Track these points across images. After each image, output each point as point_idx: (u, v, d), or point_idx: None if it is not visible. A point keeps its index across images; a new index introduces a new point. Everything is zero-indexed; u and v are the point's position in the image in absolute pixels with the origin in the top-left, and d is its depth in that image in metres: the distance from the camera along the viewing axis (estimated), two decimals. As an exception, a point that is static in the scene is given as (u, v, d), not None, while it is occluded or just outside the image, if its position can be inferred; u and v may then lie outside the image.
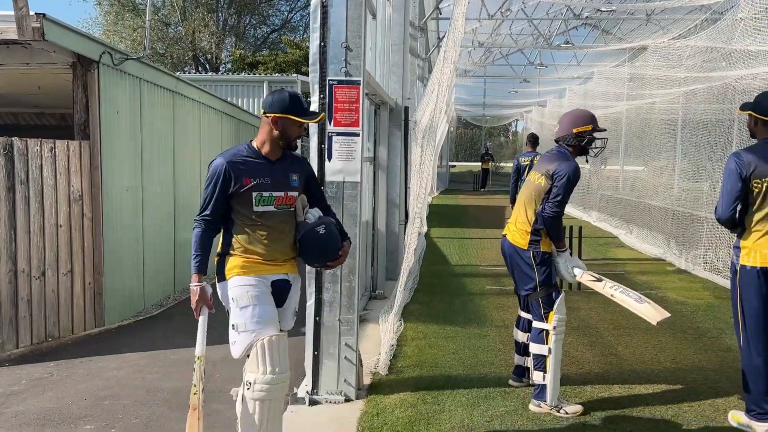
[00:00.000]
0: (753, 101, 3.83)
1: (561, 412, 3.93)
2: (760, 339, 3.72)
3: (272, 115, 3.03)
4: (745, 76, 10.64)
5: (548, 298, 3.99)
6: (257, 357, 2.90)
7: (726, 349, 5.34)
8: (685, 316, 6.47)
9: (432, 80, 6.29)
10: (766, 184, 3.65)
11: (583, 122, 4.11)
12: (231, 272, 3.05)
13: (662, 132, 13.04)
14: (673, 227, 10.64)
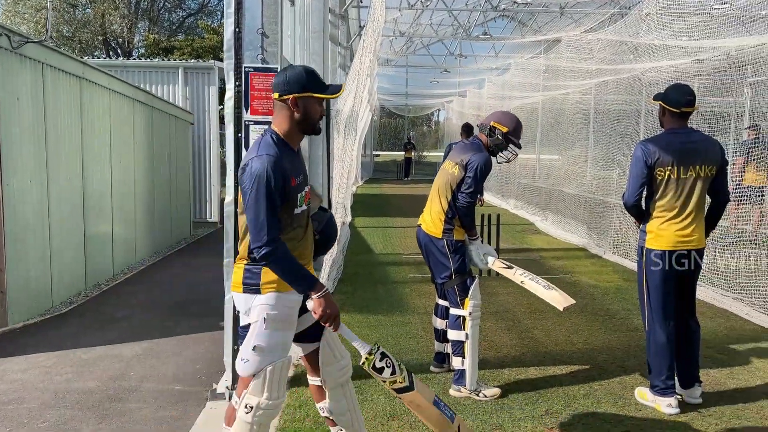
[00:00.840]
0: (663, 92, 4.00)
1: (480, 396, 4.03)
2: (663, 317, 3.94)
3: (290, 96, 2.60)
4: (651, 69, 11.21)
5: (463, 285, 4.08)
6: (265, 381, 2.63)
7: (633, 329, 5.63)
8: (596, 299, 6.78)
9: (353, 69, 6.25)
10: (668, 172, 3.84)
11: (504, 122, 4.19)
12: (268, 287, 2.63)
13: (576, 122, 13.57)
14: (586, 213, 11.11)
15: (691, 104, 3.87)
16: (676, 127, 3.93)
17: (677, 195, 3.85)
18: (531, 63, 15.06)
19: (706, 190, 3.92)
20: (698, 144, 3.88)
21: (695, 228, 3.87)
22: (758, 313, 5.96)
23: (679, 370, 4.05)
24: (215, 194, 12.56)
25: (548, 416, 3.80)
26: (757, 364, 4.76)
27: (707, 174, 3.86)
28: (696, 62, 11.87)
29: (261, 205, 2.50)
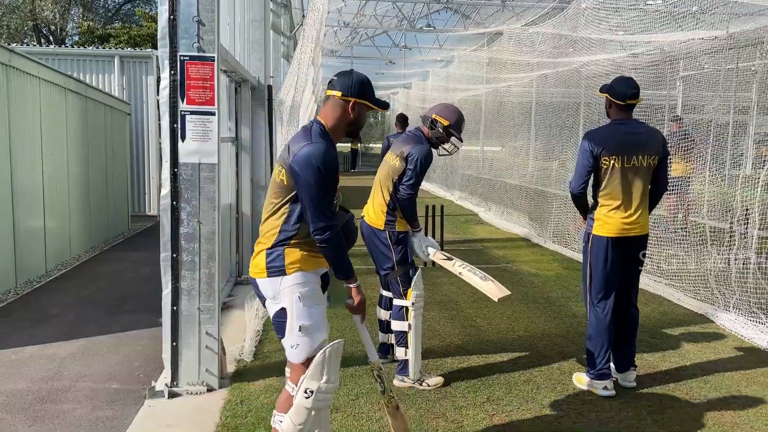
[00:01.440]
0: (609, 84, 4.11)
1: (423, 385, 4.06)
2: (604, 302, 4.08)
3: (352, 99, 2.76)
4: (590, 63, 11.50)
5: (406, 276, 4.09)
6: (323, 364, 2.63)
7: (572, 315, 5.79)
8: (536, 287, 6.93)
9: (295, 58, 6.17)
10: (613, 161, 3.97)
11: (445, 115, 4.20)
12: (293, 267, 2.68)
13: (518, 114, 13.81)
14: (527, 204, 11.35)
15: (635, 96, 4.01)
16: (622, 118, 4.06)
17: (621, 183, 3.98)
18: (474, 55, 15.22)
19: (649, 179, 4.06)
20: (642, 134, 4.02)
21: (640, 215, 4.02)
22: (688, 298, 6.22)
23: (616, 354, 4.21)
24: (155, 187, 12.21)
25: (489, 403, 3.87)
26: (687, 347, 4.97)
27: (650, 163, 4.01)
28: (631, 56, 12.25)
29: (321, 187, 2.60)
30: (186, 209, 3.90)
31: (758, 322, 5.17)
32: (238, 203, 6.88)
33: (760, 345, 4.97)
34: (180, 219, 3.91)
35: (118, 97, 11.37)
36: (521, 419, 3.67)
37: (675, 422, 3.64)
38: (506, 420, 3.65)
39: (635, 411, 3.79)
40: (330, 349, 2.65)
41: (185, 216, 3.91)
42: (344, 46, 18.99)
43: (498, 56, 13.29)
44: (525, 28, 11.64)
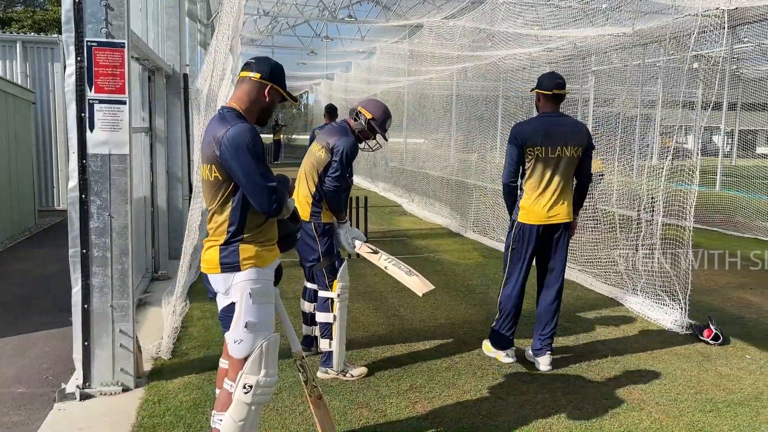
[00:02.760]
0: (537, 81, 4.32)
1: (347, 376, 4.07)
2: (516, 282, 4.34)
3: (269, 83, 2.72)
4: (507, 57, 11.79)
5: (331, 267, 4.08)
6: (262, 358, 2.64)
7: (491, 302, 5.94)
8: (458, 276, 7.08)
9: (211, 47, 5.99)
10: (538, 152, 4.16)
11: (370, 108, 4.19)
12: (247, 263, 2.66)
13: (439, 106, 14.01)
14: (449, 195, 11.55)
15: (561, 87, 4.23)
16: (549, 111, 4.27)
17: (546, 173, 4.17)
18: (396, 47, 15.30)
19: (573, 170, 4.25)
20: (566, 126, 4.23)
21: (563, 204, 4.21)
22: (600, 283, 6.53)
23: (535, 338, 4.42)
24: (63, 180, 11.57)
25: (412, 391, 3.92)
26: (599, 330, 5.21)
27: (573, 155, 4.20)
28: (546, 51, 12.66)
29: (257, 163, 2.57)
30: (96, 203, 3.72)
31: (663, 304, 5.49)
32: (153, 196, 6.64)
33: (665, 326, 5.27)
34: (90, 213, 3.72)
35: (21, 84, 10.68)
36: (443, 405, 3.74)
37: (588, 401, 3.82)
38: (428, 407, 3.71)
39: (551, 392, 3.94)
40: (267, 343, 2.65)
41: (95, 210, 3.72)
42: (264, 35, 18.64)
43: (419, 49, 13.41)
44: (445, 21, 11.80)
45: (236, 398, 2.65)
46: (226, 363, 2.86)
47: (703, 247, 8.80)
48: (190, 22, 8.96)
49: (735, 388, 4.06)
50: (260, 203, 2.60)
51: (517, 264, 4.33)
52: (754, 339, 5.00)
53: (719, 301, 6.14)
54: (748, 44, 20.72)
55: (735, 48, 19.98)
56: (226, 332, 2.70)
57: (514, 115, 11.57)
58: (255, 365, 2.64)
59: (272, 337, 2.68)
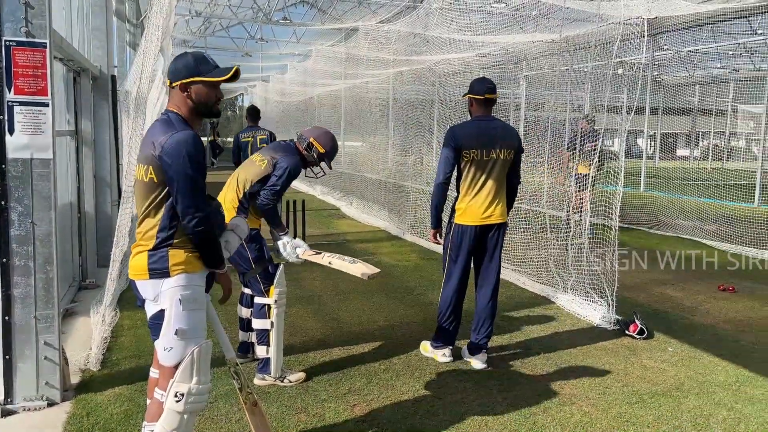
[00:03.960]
0: (469, 86, 4.43)
1: (285, 382, 4.03)
2: (455, 283, 4.42)
3: (178, 82, 2.63)
4: (442, 61, 11.99)
5: (266, 272, 4.03)
6: (194, 365, 2.59)
7: (429, 303, 6.02)
8: (396, 278, 7.13)
9: (140, 48, 5.83)
10: (473, 155, 4.27)
11: (323, 143, 4.20)
12: (177, 268, 2.61)
13: (376, 110, 14.09)
14: (387, 197, 11.63)
15: (492, 92, 4.35)
16: (481, 115, 4.39)
17: (480, 175, 4.30)
18: (332, 51, 15.28)
19: (505, 172, 4.39)
20: (499, 130, 4.37)
21: (497, 205, 4.34)
22: (532, 282, 6.71)
23: (472, 338, 4.52)
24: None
25: (351, 394, 3.92)
26: (532, 328, 5.36)
27: (506, 157, 4.34)
28: (480, 56, 12.93)
29: (194, 174, 2.54)
30: (17, 209, 3.55)
31: (592, 302, 5.69)
32: (80, 202, 6.38)
33: (594, 322, 5.48)
34: (10, 220, 3.54)
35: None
36: (381, 407, 3.76)
37: (521, 398, 3.92)
38: (367, 409, 3.72)
39: (486, 391, 4.03)
40: (198, 349, 2.60)
41: (16, 217, 3.55)
42: (197, 36, 18.25)
43: (355, 52, 13.45)
44: (380, 25, 11.88)
45: (167, 407, 2.59)
46: (157, 372, 2.79)
47: (628, 245, 9.19)
48: (118, 21, 8.69)
49: (659, 379, 4.26)
50: (185, 213, 2.56)
51: (456, 264, 4.42)
52: (676, 332, 5.26)
53: (644, 297, 6.43)
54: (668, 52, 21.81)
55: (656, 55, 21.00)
56: (155, 340, 2.64)
57: (449, 118, 11.76)
58: (186, 373, 2.58)
59: (204, 344, 2.64)
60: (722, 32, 18.78)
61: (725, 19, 13.86)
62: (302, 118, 18.45)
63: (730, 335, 5.25)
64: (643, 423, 3.61)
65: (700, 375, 4.34)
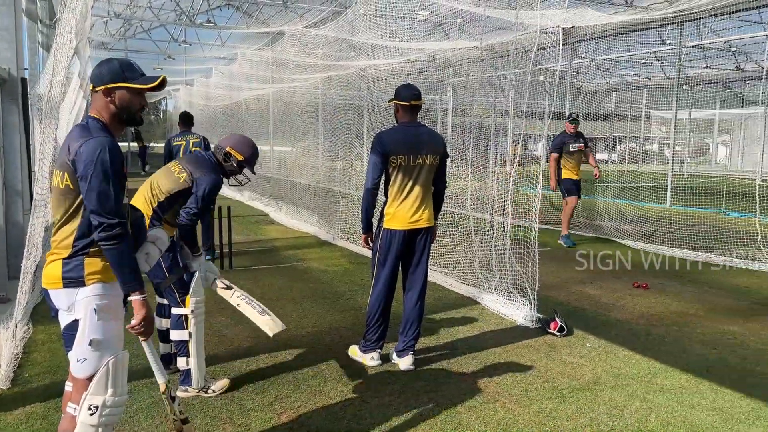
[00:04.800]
0: (395, 92, 4.48)
1: (209, 392, 3.95)
2: (384, 286, 4.47)
3: (103, 87, 2.57)
4: (370, 67, 12.07)
5: (181, 282, 3.94)
6: (109, 377, 2.52)
7: (358, 307, 6.03)
8: (325, 283, 7.11)
9: (53, 50, 5.57)
10: (401, 160, 4.32)
11: (240, 150, 4.12)
12: (92, 277, 2.54)
13: (306, 115, 14.02)
14: (317, 202, 11.58)
15: (417, 98, 4.43)
16: (407, 121, 4.45)
17: (408, 180, 4.36)
18: (258, 54, 15.10)
19: (432, 177, 4.47)
20: (425, 136, 4.45)
21: (425, 210, 4.41)
22: (458, 283, 6.84)
23: (399, 340, 4.57)
24: None
25: (278, 402, 3.88)
26: (458, 328, 5.47)
27: (432, 163, 4.42)
28: (407, 62, 13.10)
29: (109, 182, 2.47)
30: None
31: (515, 301, 5.86)
32: (-12, 211, 6.03)
33: (517, 321, 5.64)
34: None
35: None
36: (309, 413, 3.74)
37: (447, 398, 3.99)
38: (294, 416, 3.70)
39: (413, 392, 4.08)
40: (114, 361, 2.55)
41: None
42: (116, 39, 17.61)
43: (282, 56, 13.35)
44: (307, 30, 11.84)
45: (81, 421, 2.50)
46: (72, 386, 2.68)
47: (550, 246, 9.54)
48: (29, 22, 8.28)
49: (577, 374, 4.44)
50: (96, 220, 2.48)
51: (384, 268, 4.46)
52: (593, 328, 5.49)
53: (564, 295, 6.68)
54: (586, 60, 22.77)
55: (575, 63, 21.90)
56: (69, 352, 2.55)
57: (379, 124, 11.86)
58: (101, 384, 2.52)
59: (120, 354, 2.57)
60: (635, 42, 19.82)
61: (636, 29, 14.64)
62: (229, 122, 18.13)
63: (643, 330, 5.52)
64: (562, 417, 3.75)
65: (615, 368, 4.55)
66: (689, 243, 9.33)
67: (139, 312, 2.60)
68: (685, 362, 4.68)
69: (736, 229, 9.73)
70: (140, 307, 2.60)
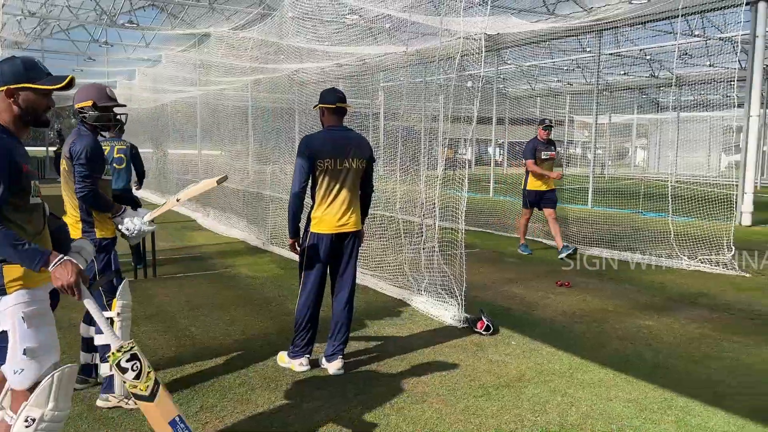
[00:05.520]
0: (320, 97, 4.47)
1: (130, 403, 3.81)
2: (312, 292, 4.44)
3: (4, 87, 2.46)
4: (300, 70, 11.99)
5: (110, 285, 3.82)
6: (51, 390, 2.40)
7: (288, 313, 5.97)
8: (254, 289, 7.01)
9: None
10: (327, 164, 4.31)
11: (84, 97, 3.94)
12: (14, 285, 2.45)
13: (235, 118, 13.79)
14: (246, 207, 11.40)
15: (343, 101, 4.44)
16: (334, 125, 4.45)
17: (335, 184, 4.35)
18: (184, 56, 14.74)
19: (359, 181, 4.49)
20: (352, 140, 4.46)
21: (352, 213, 4.42)
22: (389, 286, 6.89)
23: (328, 344, 4.56)
24: None
25: (203, 412, 3.79)
26: (388, 330, 5.51)
27: (359, 166, 4.44)
28: (337, 66, 13.10)
29: None
30: None
31: (443, 302, 5.96)
32: None
33: (446, 321, 5.73)
34: None
35: None
36: (235, 422, 3.67)
37: (377, 400, 4.00)
38: (220, 426, 3.62)
39: (342, 395, 4.07)
40: (60, 374, 2.44)
41: None
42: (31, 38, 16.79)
43: (209, 59, 13.09)
44: (234, 32, 11.66)
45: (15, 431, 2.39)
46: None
47: (478, 247, 9.75)
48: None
49: (503, 372, 4.55)
50: None
51: (312, 273, 4.44)
52: (518, 327, 5.65)
53: (491, 295, 6.84)
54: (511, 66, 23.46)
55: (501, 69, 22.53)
56: (1, 365, 2.45)
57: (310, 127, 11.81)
58: (43, 396, 2.40)
59: (68, 368, 2.49)
60: (557, 49, 20.59)
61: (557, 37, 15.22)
62: (155, 126, 17.60)
63: (565, 327, 5.72)
64: (488, 414, 3.83)
65: (539, 365, 4.69)
66: (609, 242, 9.75)
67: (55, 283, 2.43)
68: (604, 357, 4.88)
69: (651, 229, 10.24)
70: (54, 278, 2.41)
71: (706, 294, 7.05)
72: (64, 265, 2.41)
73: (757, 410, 3.92)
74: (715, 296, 6.95)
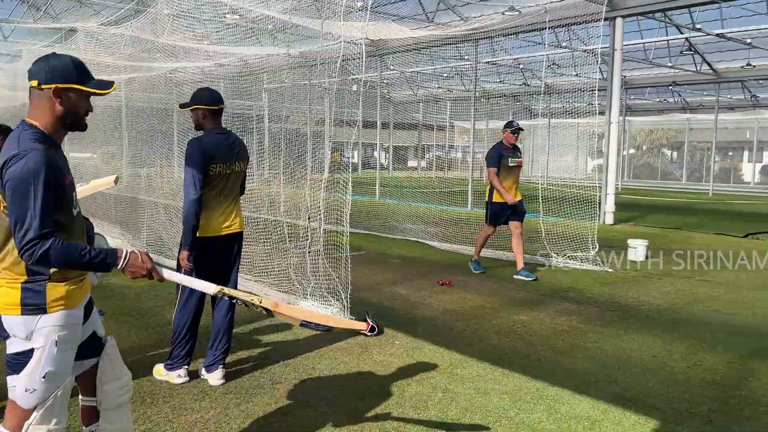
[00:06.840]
0: (194, 97, 4.28)
1: None
2: (190, 300, 4.31)
3: (53, 85, 2.34)
4: (179, 69, 11.54)
5: None
6: (52, 407, 2.41)
7: (164, 324, 5.70)
8: (129, 299, 6.64)
9: None
10: (218, 168, 4.21)
11: None
12: (56, 305, 2.39)
13: (108, 118, 13.02)
14: (120, 213, 10.79)
15: (222, 101, 4.33)
16: (216, 127, 4.31)
17: (223, 187, 4.27)
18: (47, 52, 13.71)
19: (239, 183, 4.46)
20: (236, 143, 4.38)
21: (236, 216, 4.37)
22: (274, 291, 6.78)
23: (209, 354, 4.41)
24: None
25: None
26: (272, 337, 5.41)
27: (242, 169, 4.41)
28: (218, 66, 12.74)
29: (32, 201, 2.25)
30: None
31: (329, 305, 5.95)
32: None
33: (330, 324, 5.71)
34: None
35: None
36: (106, 442, 3.44)
37: (259, 409, 3.92)
38: (88, 447, 3.38)
39: (223, 407, 3.95)
40: (61, 391, 2.46)
41: None
42: None
43: (77, 55, 12.26)
44: (104, 28, 11.01)
45: None
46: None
47: (364, 249, 9.84)
48: None
49: (387, 372, 4.61)
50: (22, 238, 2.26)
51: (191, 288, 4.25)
52: (402, 326, 5.75)
53: (376, 296, 6.92)
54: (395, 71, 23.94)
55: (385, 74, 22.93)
56: (11, 375, 2.41)
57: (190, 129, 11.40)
58: (47, 415, 2.41)
59: (67, 381, 2.49)
60: (438, 56, 21.27)
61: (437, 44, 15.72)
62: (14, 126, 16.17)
63: (446, 324, 5.90)
64: (371, 416, 3.86)
65: (421, 363, 4.80)
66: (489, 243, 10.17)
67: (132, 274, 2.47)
68: (482, 352, 5.09)
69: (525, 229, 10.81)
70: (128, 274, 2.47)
71: (574, 288, 7.55)
72: (134, 257, 2.46)
73: (618, 396, 4.25)
74: (582, 290, 7.46)
